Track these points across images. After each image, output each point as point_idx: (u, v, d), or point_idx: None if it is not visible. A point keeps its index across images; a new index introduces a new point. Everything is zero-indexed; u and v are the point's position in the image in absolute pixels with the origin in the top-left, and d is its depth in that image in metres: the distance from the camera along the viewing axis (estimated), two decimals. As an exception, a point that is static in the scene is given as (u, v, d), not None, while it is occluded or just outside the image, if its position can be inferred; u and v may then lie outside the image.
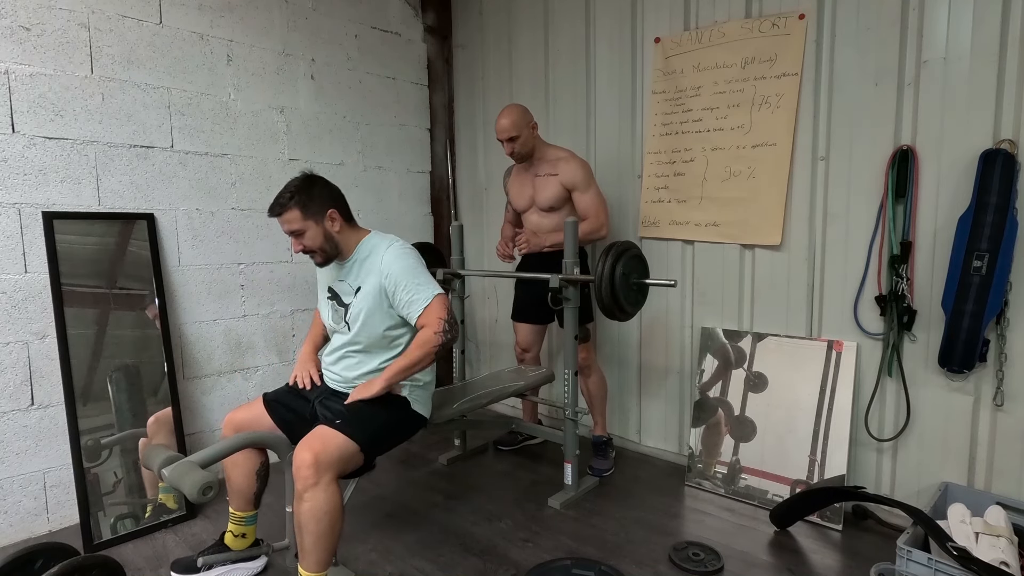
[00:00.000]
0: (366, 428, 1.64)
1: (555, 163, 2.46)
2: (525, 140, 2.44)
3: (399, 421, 1.80)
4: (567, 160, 2.45)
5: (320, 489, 1.50)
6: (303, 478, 1.50)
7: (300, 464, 1.51)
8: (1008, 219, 1.78)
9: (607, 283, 2.04)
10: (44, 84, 2.08)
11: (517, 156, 2.49)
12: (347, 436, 1.58)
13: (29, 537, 2.10)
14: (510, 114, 2.42)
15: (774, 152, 2.29)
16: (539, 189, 2.50)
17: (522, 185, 2.57)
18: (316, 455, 1.51)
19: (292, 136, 2.77)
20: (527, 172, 2.55)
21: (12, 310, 2.04)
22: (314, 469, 1.50)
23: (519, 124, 2.41)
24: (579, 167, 2.44)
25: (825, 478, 2.12)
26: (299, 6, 2.77)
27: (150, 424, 2.24)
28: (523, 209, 2.61)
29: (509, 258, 2.66)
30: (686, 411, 2.63)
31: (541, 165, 2.50)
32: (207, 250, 2.50)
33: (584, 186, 2.42)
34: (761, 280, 2.39)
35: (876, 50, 2.04)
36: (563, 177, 2.43)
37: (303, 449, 1.53)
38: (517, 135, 2.41)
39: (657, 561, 1.90)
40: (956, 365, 1.91)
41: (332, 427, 1.61)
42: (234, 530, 1.83)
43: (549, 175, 2.46)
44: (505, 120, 2.41)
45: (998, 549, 1.56)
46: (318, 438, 1.57)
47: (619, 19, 2.72)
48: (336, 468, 1.55)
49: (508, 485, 2.49)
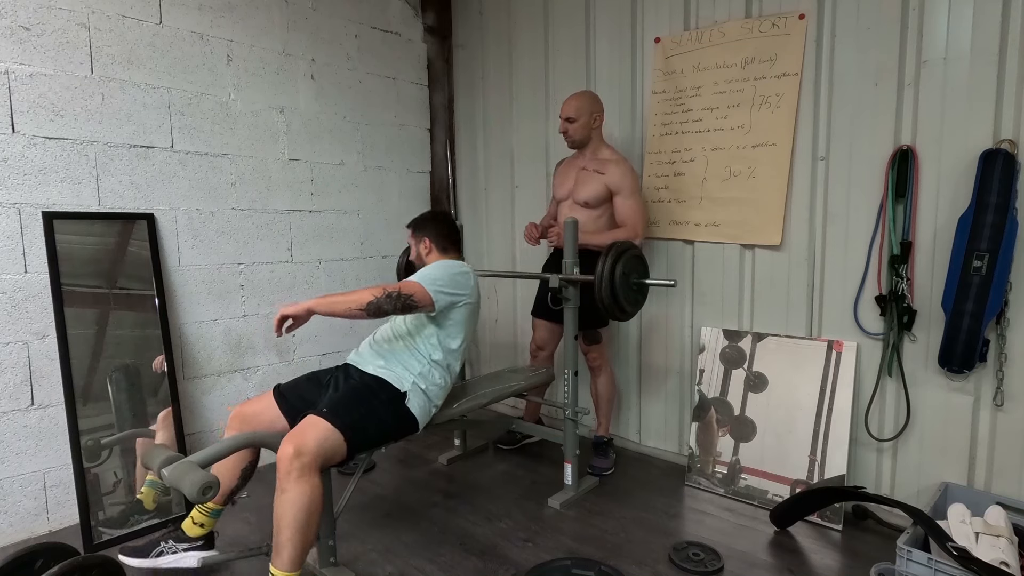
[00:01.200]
0: (352, 418, 1.65)
1: (604, 163, 2.43)
2: (582, 126, 2.41)
3: (390, 417, 1.79)
4: (617, 163, 2.42)
5: (301, 480, 1.50)
6: (283, 469, 1.51)
7: (282, 455, 1.52)
8: (1008, 219, 1.78)
9: (607, 283, 2.04)
10: (44, 84, 2.08)
11: (569, 139, 2.47)
12: (330, 424, 1.59)
13: (29, 537, 2.09)
14: (579, 97, 2.43)
15: (774, 152, 2.29)
16: (580, 182, 2.47)
17: (566, 175, 2.56)
18: (297, 446, 1.52)
19: (292, 136, 2.77)
20: (575, 162, 2.54)
21: (12, 310, 2.04)
22: (295, 460, 1.50)
23: (582, 109, 2.40)
24: (628, 172, 2.41)
25: (825, 478, 2.12)
26: (299, 6, 2.77)
27: (161, 419, 2.26)
28: (562, 198, 2.58)
29: (535, 240, 2.61)
30: (686, 411, 2.63)
31: (591, 160, 2.47)
32: (207, 250, 2.50)
33: (628, 192, 2.39)
34: (761, 280, 2.39)
35: (876, 50, 2.04)
36: (609, 179, 2.40)
37: (286, 440, 1.55)
38: (576, 118, 2.40)
39: (657, 561, 1.90)
40: (956, 365, 1.91)
41: (318, 415, 1.62)
42: (195, 516, 1.81)
43: (595, 172, 2.43)
44: (572, 100, 2.42)
45: (998, 549, 1.56)
46: (300, 430, 1.58)
47: (619, 19, 2.72)
48: (317, 459, 1.54)
49: (508, 485, 2.49)
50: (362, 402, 1.73)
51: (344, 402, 1.71)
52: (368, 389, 1.80)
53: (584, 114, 2.40)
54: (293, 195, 2.79)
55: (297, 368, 2.76)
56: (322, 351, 2.93)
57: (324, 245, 2.93)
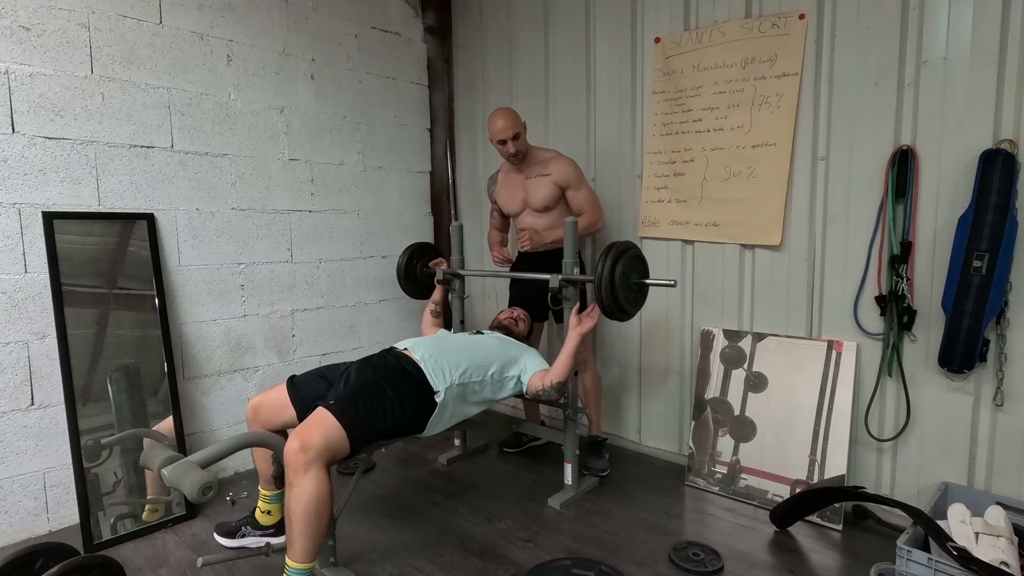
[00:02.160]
0: (359, 413, 1.66)
1: (545, 163, 2.50)
2: (524, 139, 2.48)
3: (403, 415, 1.78)
4: (556, 159, 2.50)
5: (307, 475, 1.52)
6: (291, 465, 1.52)
7: (289, 451, 1.53)
8: (1008, 219, 1.78)
9: (607, 283, 2.04)
10: (44, 84, 2.08)
11: (517, 157, 2.50)
12: (335, 419, 1.61)
13: (29, 537, 2.09)
14: (505, 115, 2.45)
15: (774, 152, 2.29)
16: (531, 190, 2.53)
17: (512, 189, 2.60)
18: (302, 441, 1.53)
19: (292, 136, 2.77)
20: (517, 175, 2.59)
21: (12, 310, 2.04)
22: (301, 456, 1.52)
23: (516, 123, 2.45)
24: (569, 165, 2.49)
25: (825, 478, 2.12)
26: (299, 6, 2.77)
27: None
28: (516, 212, 2.63)
29: (508, 262, 2.68)
30: (686, 411, 2.63)
31: (531, 167, 2.54)
32: (207, 250, 2.50)
33: (577, 183, 2.48)
34: (761, 280, 2.39)
35: (876, 50, 2.04)
36: (556, 176, 2.47)
37: (293, 436, 1.56)
38: (518, 132, 2.44)
39: (657, 561, 1.90)
40: (956, 365, 1.91)
41: (326, 407, 1.64)
42: (261, 507, 1.99)
43: (541, 175, 2.50)
44: (502, 121, 2.44)
45: (998, 549, 1.56)
46: (307, 425, 1.60)
47: (619, 19, 2.72)
48: (324, 455, 1.56)
49: (508, 485, 2.49)
50: (370, 396, 1.73)
51: (351, 396, 1.71)
52: (378, 385, 1.78)
53: (519, 127, 2.45)
54: (293, 195, 2.79)
55: (297, 368, 2.75)
56: (322, 351, 2.93)
57: (324, 245, 2.93)
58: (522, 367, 2.08)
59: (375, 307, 3.17)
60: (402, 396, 1.78)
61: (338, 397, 1.71)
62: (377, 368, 1.87)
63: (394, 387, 1.78)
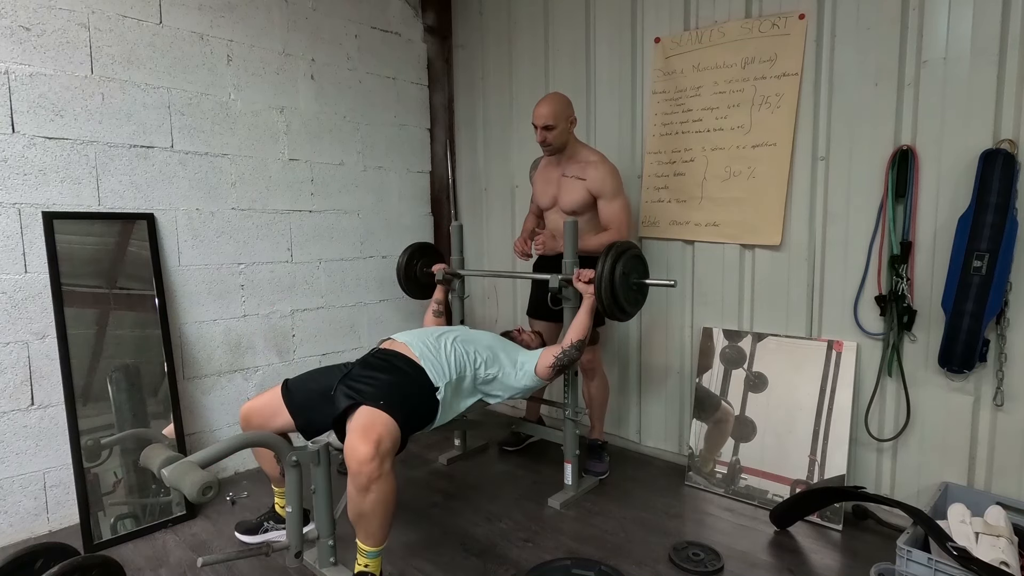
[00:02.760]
0: (403, 407, 1.68)
1: (584, 166, 2.36)
2: (561, 132, 2.33)
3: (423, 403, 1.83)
4: (597, 165, 2.35)
5: (382, 479, 1.53)
6: (367, 473, 1.50)
7: (363, 458, 1.50)
8: (1008, 219, 1.78)
9: (607, 283, 2.04)
10: (44, 84, 2.08)
11: (548, 147, 2.38)
12: (391, 417, 1.61)
13: (29, 537, 2.10)
14: (552, 102, 2.31)
15: (774, 152, 2.29)
16: (564, 190, 2.41)
17: (547, 182, 2.49)
18: (376, 446, 1.52)
19: (292, 136, 2.77)
20: (555, 168, 2.46)
21: (12, 310, 2.04)
22: (377, 462, 1.51)
23: (559, 115, 2.30)
24: (608, 174, 2.34)
25: (825, 478, 2.12)
26: (299, 6, 2.77)
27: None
28: (546, 207, 2.52)
29: (526, 256, 2.58)
30: (686, 411, 2.63)
31: (570, 165, 2.40)
32: (207, 250, 2.50)
33: (611, 195, 2.33)
34: (761, 280, 2.39)
35: (876, 50, 2.04)
36: (591, 183, 2.33)
37: (360, 442, 1.52)
38: (554, 125, 2.30)
39: (657, 561, 1.90)
40: (956, 365, 1.91)
41: (376, 407, 1.63)
42: (279, 502, 2.04)
43: (577, 178, 2.36)
44: (545, 108, 2.30)
45: (998, 549, 1.56)
46: (372, 428, 1.56)
47: (619, 19, 2.72)
48: (391, 455, 1.58)
49: (508, 485, 2.49)
50: (406, 393, 1.76)
51: (395, 394, 1.71)
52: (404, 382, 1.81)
53: (561, 119, 2.31)
54: (293, 195, 2.79)
55: (297, 368, 2.76)
56: (322, 351, 2.93)
57: (324, 245, 2.93)
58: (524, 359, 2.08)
59: (375, 307, 3.17)
60: (419, 391, 1.82)
61: (383, 396, 1.68)
62: (386, 368, 1.85)
63: (410, 382, 1.82)
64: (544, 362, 2.05)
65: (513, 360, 2.08)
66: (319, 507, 1.71)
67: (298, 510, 1.68)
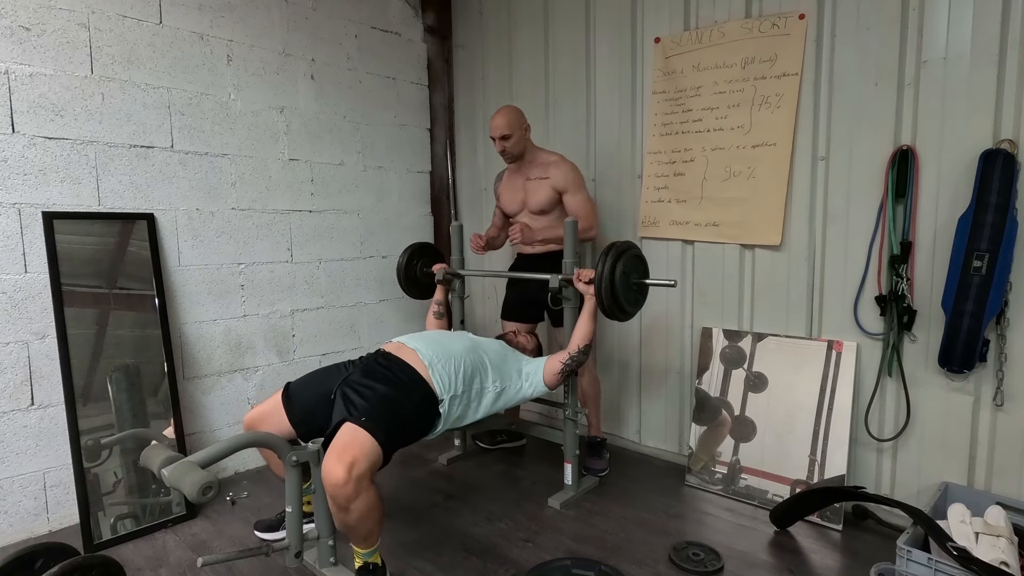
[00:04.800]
0: (390, 424, 1.66)
1: (546, 167, 2.52)
2: (517, 141, 2.49)
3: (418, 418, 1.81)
4: (557, 164, 2.50)
5: (360, 497, 1.53)
6: (344, 495, 1.50)
7: (336, 482, 1.49)
8: (1008, 219, 1.78)
9: (607, 283, 2.04)
10: (44, 84, 2.08)
11: (508, 155, 2.54)
12: (371, 436, 1.59)
13: (29, 537, 2.10)
14: (506, 114, 2.48)
15: (774, 152, 2.29)
16: (530, 192, 2.55)
17: (513, 189, 2.63)
18: (348, 468, 1.50)
19: (292, 136, 2.77)
20: (518, 175, 2.61)
21: (12, 310, 2.04)
22: (352, 485, 1.50)
23: (513, 124, 2.47)
24: (570, 170, 2.49)
25: (825, 478, 2.12)
26: (299, 6, 2.77)
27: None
28: (514, 212, 2.65)
29: (481, 251, 2.68)
30: (686, 411, 2.63)
31: (532, 168, 2.56)
32: (207, 250, 2.50)
33: (574, 188, 2.48)
34: (761, 280, 2.39)
35: (876, 50, 2.04)
36: (554, 180, 2.48)
37: (335, 465, 1.51)
38: (510, 134, 2.47)
39: (657, 561, 1.90)
40: (956, 365, 1.91)
41: (358, 424, 1.61)
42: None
43: (540, 179, 2.52)
44: (500, 119, 2.47)
45: (998, 549, 1.56)
46: (345, 448, 1.55)
47: (619, 19, 2.72)
48: (368, 474, 1.56)
49: (508, 485, 2.49)
50: (395, 408, 1.73)
51: (380, 411, 1.69)
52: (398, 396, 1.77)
53: (516, 128, 2.47)
54: (293, 195, 2.79)
55: (297, 368, 2.76)
56: (322, 351, 2.93)
57: (324, 245, 2.93)
58: (529, 369, 2.09)
59: (375, 307, 3.17)
60: (416, 406, 1.80)
61: (368, 413, 1.66)
62: (386, 377, 1.82)
63: (408, 396, 1.79)
64: (551, 369, 2.07)
65: (519, 370, 2.08)
66: (319, 507, 1.71)
67: (298, 510, 1.68)
